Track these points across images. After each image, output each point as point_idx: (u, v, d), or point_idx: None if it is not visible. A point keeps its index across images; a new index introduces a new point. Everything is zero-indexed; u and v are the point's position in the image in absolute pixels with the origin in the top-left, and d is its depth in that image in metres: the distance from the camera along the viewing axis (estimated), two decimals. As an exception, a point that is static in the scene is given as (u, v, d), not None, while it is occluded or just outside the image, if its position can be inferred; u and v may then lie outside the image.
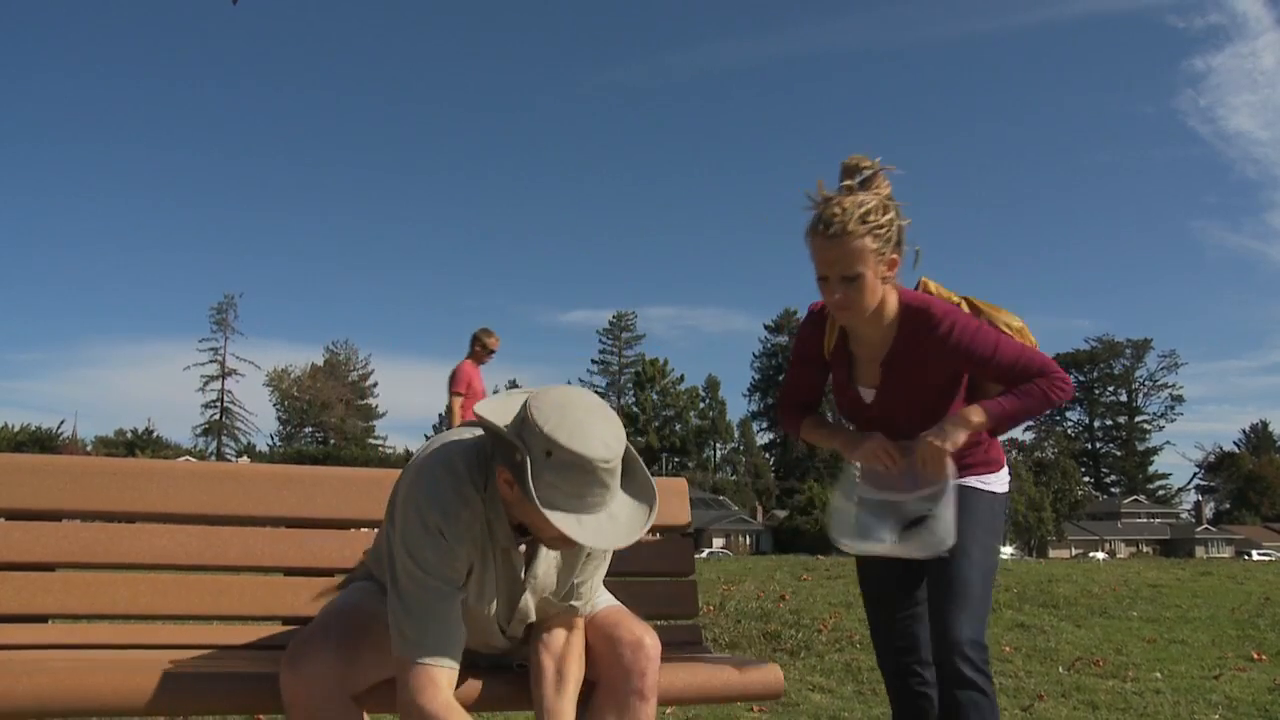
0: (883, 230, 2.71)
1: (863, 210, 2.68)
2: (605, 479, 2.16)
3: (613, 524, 2.18)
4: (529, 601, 2.43)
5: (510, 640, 2.54)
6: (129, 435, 79.63)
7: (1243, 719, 4.88)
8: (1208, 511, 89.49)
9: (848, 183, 2.75)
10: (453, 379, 10.26)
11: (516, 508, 2.23)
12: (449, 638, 2.25)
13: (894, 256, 2.76)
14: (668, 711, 4.55)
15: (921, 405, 2.86)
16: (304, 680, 2.27)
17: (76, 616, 2.90)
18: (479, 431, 2.37)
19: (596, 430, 2.15)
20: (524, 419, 2.14)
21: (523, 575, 2.39)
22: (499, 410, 2.21)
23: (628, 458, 2.25)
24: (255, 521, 3.07)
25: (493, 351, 10.43)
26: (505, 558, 2.36)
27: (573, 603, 2.48)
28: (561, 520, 2.10)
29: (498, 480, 2.23)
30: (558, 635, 2.47)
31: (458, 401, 10.02)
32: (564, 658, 2.44)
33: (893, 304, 2.84)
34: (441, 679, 2.22)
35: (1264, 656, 6.74)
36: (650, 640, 2.52)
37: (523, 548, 2.37)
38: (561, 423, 2.12)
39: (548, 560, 2.41)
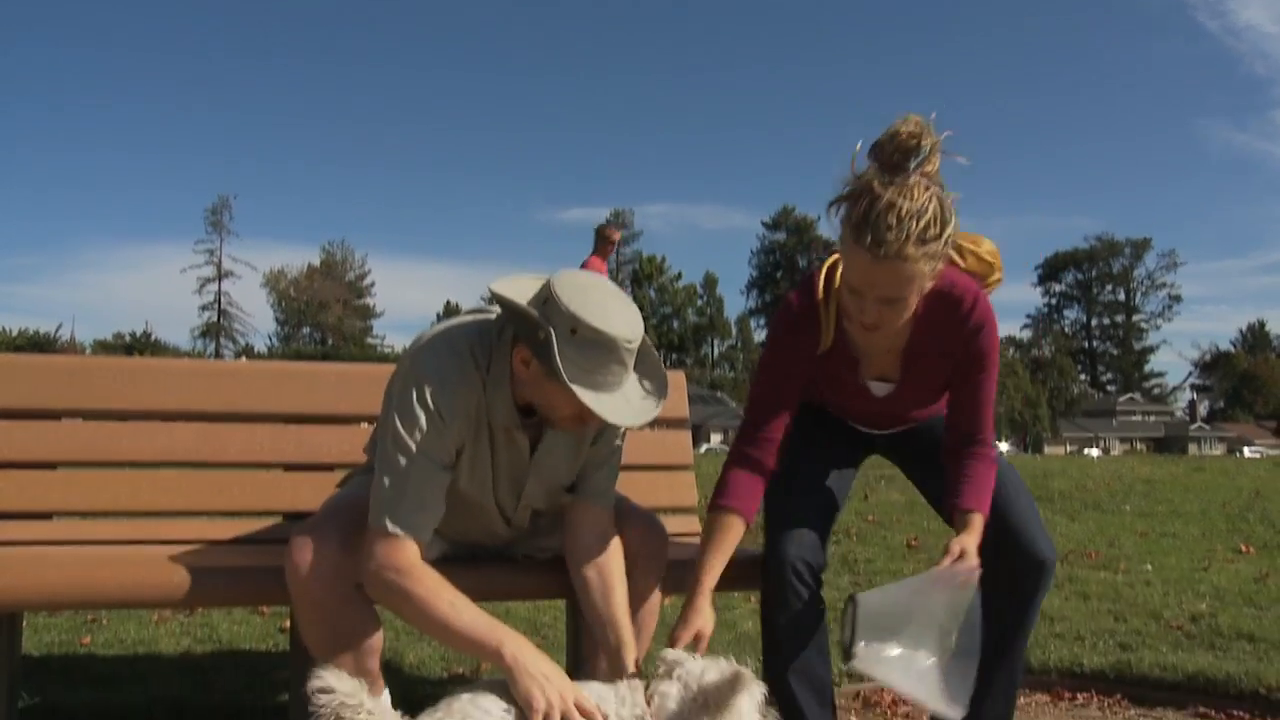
0: (939, 247, 2.25)
1: (921, 226, 2.19)
2: (625, 358, 2.20)
3: (628, 403, 2.23)
4: (535, 488, 2.45)
5: (515, 530, 2.57)
6: (127, 339, 79.68)
7: (1229, 608, 4.97)
8: (1202, 410, 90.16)
9: (903, 181, 2.23)
10: None
11: (530, 386, 2.26)
12: (423, 513, 2.28)
13: (941, 266, 2.33)
14: (667, 602, 4.62)
15: (936, 394, 2.65)
16: (308, 570, 2.29)
17: (80, 513, 2.93)
18: (480, 317, 2.38)
19: (619, 311, 2.20)
20: (547, 298, 2.17)
21: (529, 458, 2.41)
22: (516, 290, 2.22)
23: (640, 344, 2.28)
24: (255, 418, 3.08)
25: (614, 244, 10.67)
26: (508, 440, 2.38)
27: (594, 498, 2.49)
28: (584, 394, 2.14)
29: (513, 359, 2.26)
30: (591, 541, 2.45)
31: None
32: (606, 565, 2.43)
33: None
34: (407, 547, 2.25)
35: (1252, 549, 6.86)
36: (658, 527, 2.57)
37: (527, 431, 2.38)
38: (586, 302, 2.16)
39: (553, 444, 2.43)
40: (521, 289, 2.24)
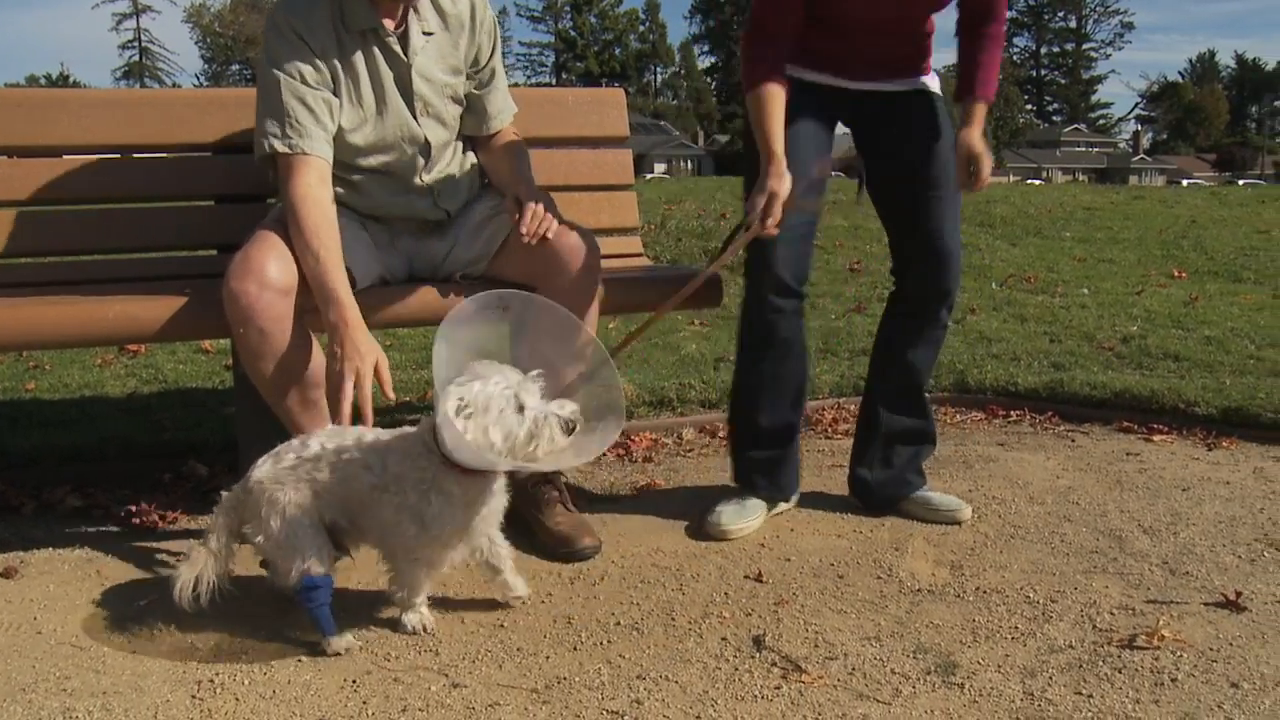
0: None
1: None
2: None
3: None
4: (424, 86, 2.59)
5: (432, 151, 2.63)
6: (42, 81, 75.85)
7: (1159, 329, 5.13)
8: (1145, 142, 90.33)
9: None
10: None
11: None
12: (314, 129, 2.42)
13: None
14: (611, 327, 4.67)
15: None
16: (248, 301, 2.27)
17: (2, 256, 2.82)
18: None
19: None
20: None
21: (406, 57, 2.54)
22: None
23: None
24: (181, 149, 2.96)
25: None
26: (381, 47, 2.52)
27: (495, 120, 2.74)
28: None
29: None
30: (501, 145, 2.75)
31: None
32: (512, 151, 2.73)
33: None
34: (312, 166, 2.40)
35: (1184, 274, 7.02)
36: (590, 242, 2.57)
37: (389, 23, 2.50)
38: None
39: (421, 44, 2.57)
40: None
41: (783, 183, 2.46)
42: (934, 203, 2.69)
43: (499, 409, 1.95)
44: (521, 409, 1.97)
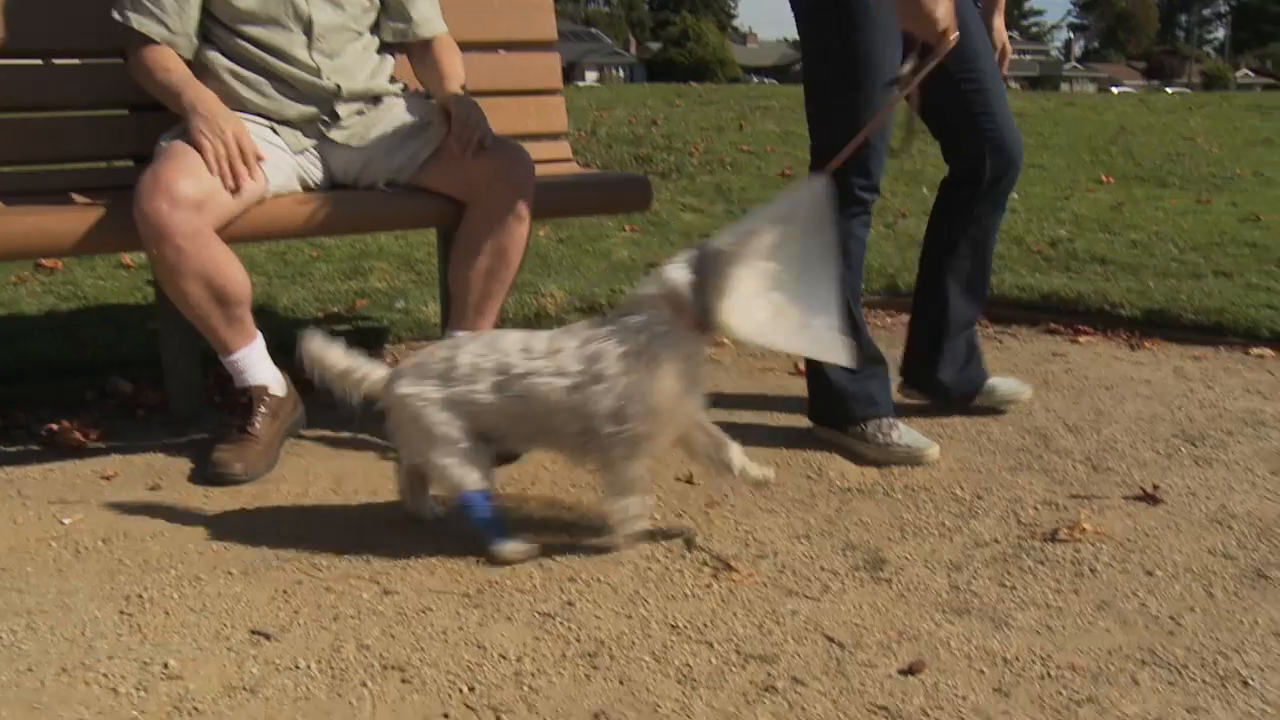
0: None
1: None
2: None
3: None
4: None
5: (315, 29, 2.58)
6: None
7: (1086, 233, 5.20)
8: (1077, 49, 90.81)
9: None
10: None
11: None
12: (163, 15, 2.48)
13: None
14: (541, 234, 4.64)
15: None
16: (162, 219, 2.21)
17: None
18: None
19: None
20: None
21: None
22: None
23: None
24: (98, 54, 2.84)
25: None
26: None
27: (425, 26, 2.73)
28: None
29: None
30: (437, 53, 2.73)
31: None
32: (448, 63, 2.72)
33: None
34: (155, 52, 2.51)
35: (1112, 179, 7.10)
36: (523, 157, 2.52)
37: None
38: None
39: None
40: None
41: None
42: (1000, 91, 2.71)
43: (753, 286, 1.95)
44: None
